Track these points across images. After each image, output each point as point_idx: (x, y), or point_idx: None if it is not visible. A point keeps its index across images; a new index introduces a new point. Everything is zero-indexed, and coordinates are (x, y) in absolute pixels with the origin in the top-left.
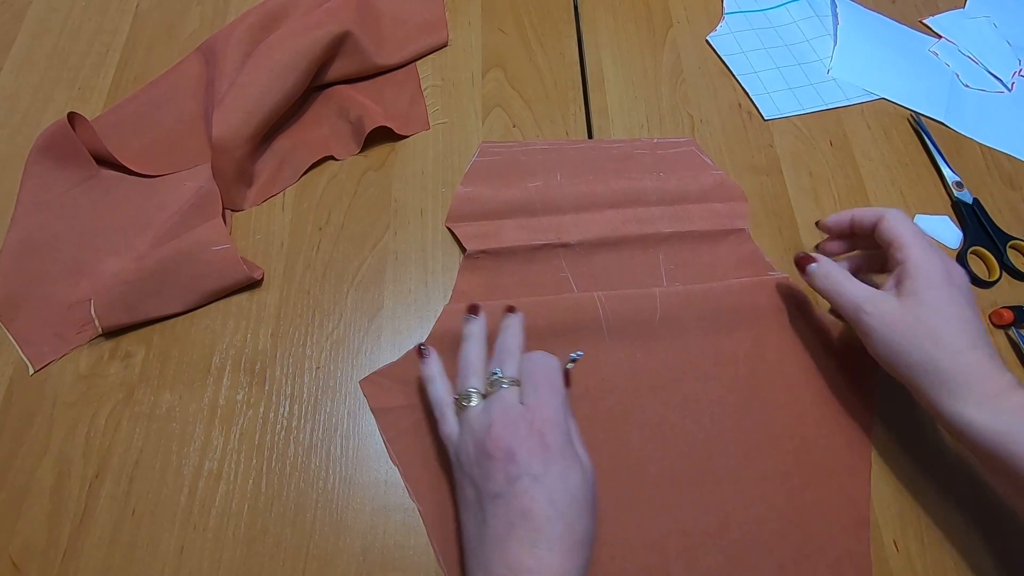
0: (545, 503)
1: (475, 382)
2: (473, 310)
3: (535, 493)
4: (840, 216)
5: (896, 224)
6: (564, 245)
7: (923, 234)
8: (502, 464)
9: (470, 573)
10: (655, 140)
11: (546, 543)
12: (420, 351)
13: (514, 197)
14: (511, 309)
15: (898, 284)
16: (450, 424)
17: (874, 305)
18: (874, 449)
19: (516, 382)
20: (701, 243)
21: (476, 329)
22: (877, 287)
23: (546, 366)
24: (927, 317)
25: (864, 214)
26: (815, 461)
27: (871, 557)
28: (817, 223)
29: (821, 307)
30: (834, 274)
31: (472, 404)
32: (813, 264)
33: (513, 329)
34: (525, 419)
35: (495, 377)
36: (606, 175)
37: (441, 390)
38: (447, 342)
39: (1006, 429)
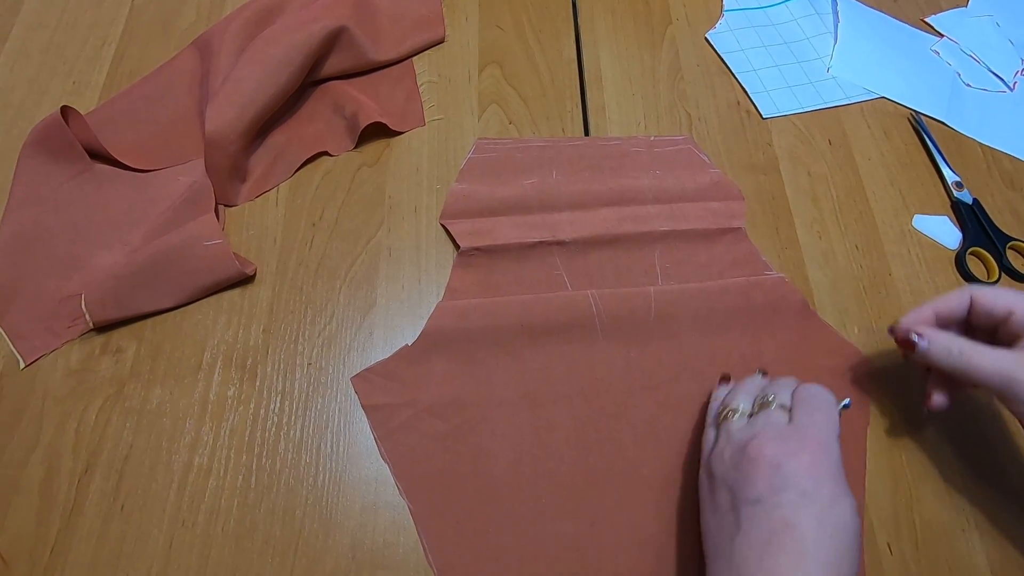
0: (814, 521)
1: (743, 400)
2: (725, 379)
3: (803, 509)
4: (919, 313)
5: (998, 295)
6: (559, 243)
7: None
8: (766, 472)
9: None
10: (652, 138)
11: (813, 563)
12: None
13: (509, 194)
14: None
15: None
16: (708, 435)
17: None
18: (868, 451)
19: (787, 410)
20: (697, 242)
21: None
22: None
23: (825, 397)
24: None
25: (949, 302)
26: None
27: (865, 559)
28: (891, 329)
29: (818, 308)
30: (957, 346)
31: (735, 418)
32: (923, 341)
33: (790, 378)
34: (797, 436)
35: (768, 399)
36: (602, 173)
37: (717, 406)
38: (440, 340)
39: None
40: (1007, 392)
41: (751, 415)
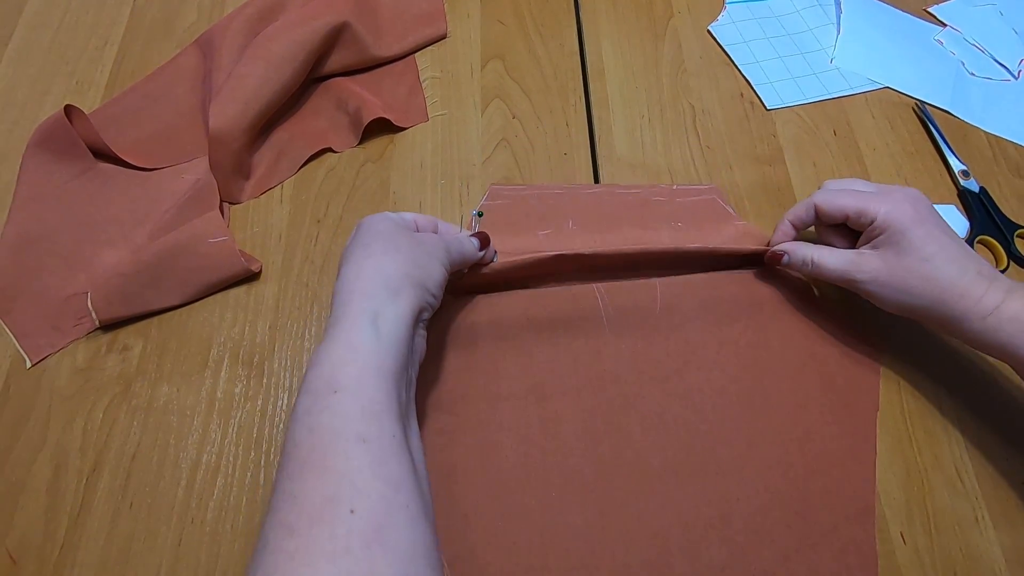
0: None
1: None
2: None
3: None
4: (781, 230)
5: (834, 199)
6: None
7: (862, 188)
8: None
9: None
10: (674, 187)
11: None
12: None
13: (524, 246)
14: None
15: (873, 240)
16: None
17: (861, 269)
18: (879, 440)
19: None
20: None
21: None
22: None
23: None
24: (913, 264)
25: (797, 211)
26: (818, 450)
27: (876, 545)
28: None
29: (825, 296)
30: (808, 256)
31: None
32: (784, 257)
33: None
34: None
35: None
36: (620, 223)
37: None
38: (445, 335)
39: (1008, 339)
40: (848, 286)
41: None
